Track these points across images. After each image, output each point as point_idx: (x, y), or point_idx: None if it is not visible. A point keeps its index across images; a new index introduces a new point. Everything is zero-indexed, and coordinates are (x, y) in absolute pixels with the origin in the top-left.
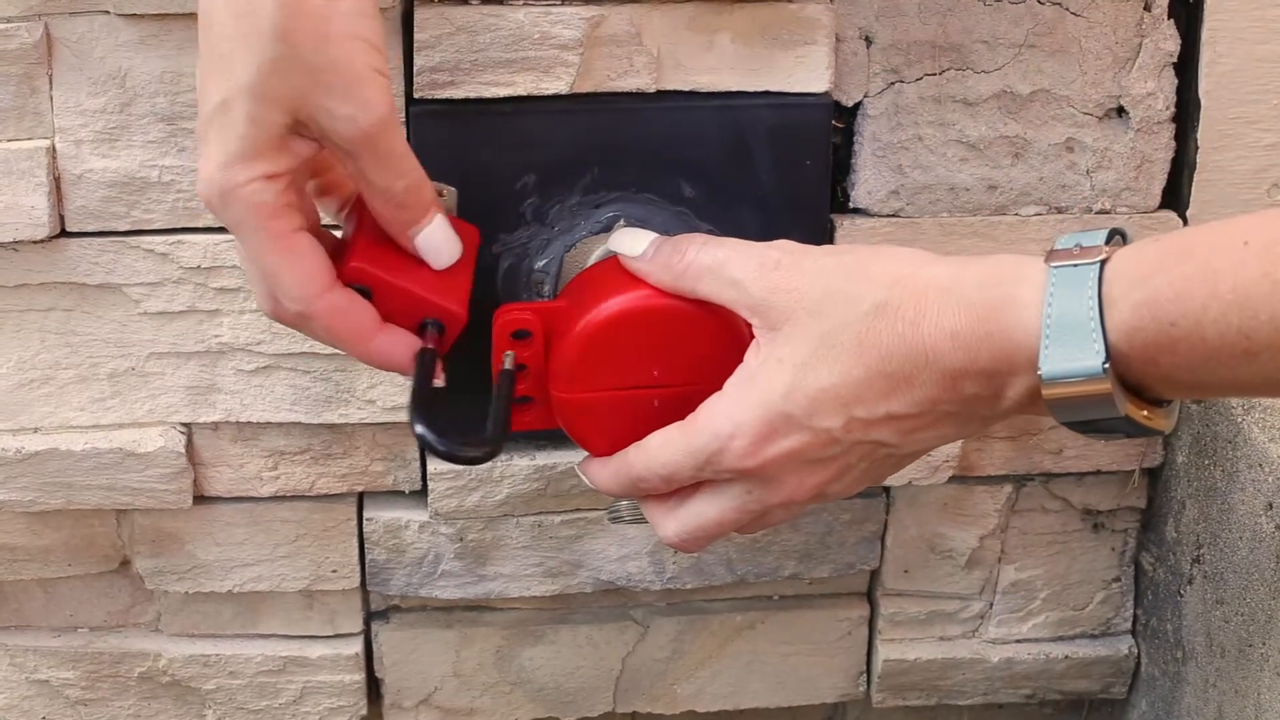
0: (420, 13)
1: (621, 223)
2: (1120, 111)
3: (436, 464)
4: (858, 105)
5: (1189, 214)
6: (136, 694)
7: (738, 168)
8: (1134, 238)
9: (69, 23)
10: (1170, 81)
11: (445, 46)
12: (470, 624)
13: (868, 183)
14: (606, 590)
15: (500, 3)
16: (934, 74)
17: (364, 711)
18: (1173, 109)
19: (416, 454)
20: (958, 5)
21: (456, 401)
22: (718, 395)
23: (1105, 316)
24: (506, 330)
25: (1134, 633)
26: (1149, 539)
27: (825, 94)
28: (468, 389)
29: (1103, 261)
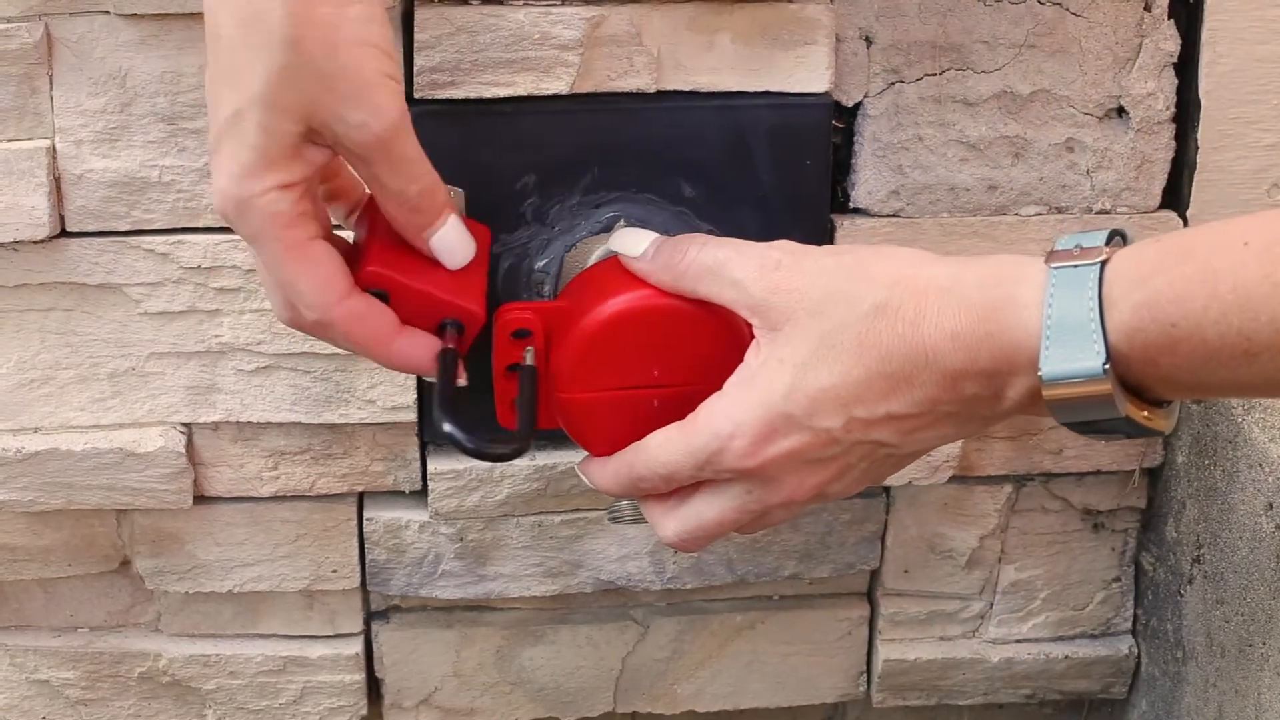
0: (420, 13)
1: (622, 223)
2: (1120, 111)
3: (437, 464)
4: (858, 105)
5: (1189, 214)
6: (136, 694)
7: (738, 168)
8: (1134, 238)
9: (69, 23)
10: (1170, 81)
11: (445, 46)
12: (470, 624)
13: (868, 183)
14: (606, 590)
15: (500, 3)
16: (934, 74)
17: (364, 711)
18: (1173, 109)
19: (416, 454)
20: (958, 5)
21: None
22: (718, 395)
23: (1105, 317)
24: (507, 329)
25: (1134, 633)
26: (1149, 539)
27: (825, 94)
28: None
29: (1103, 262)
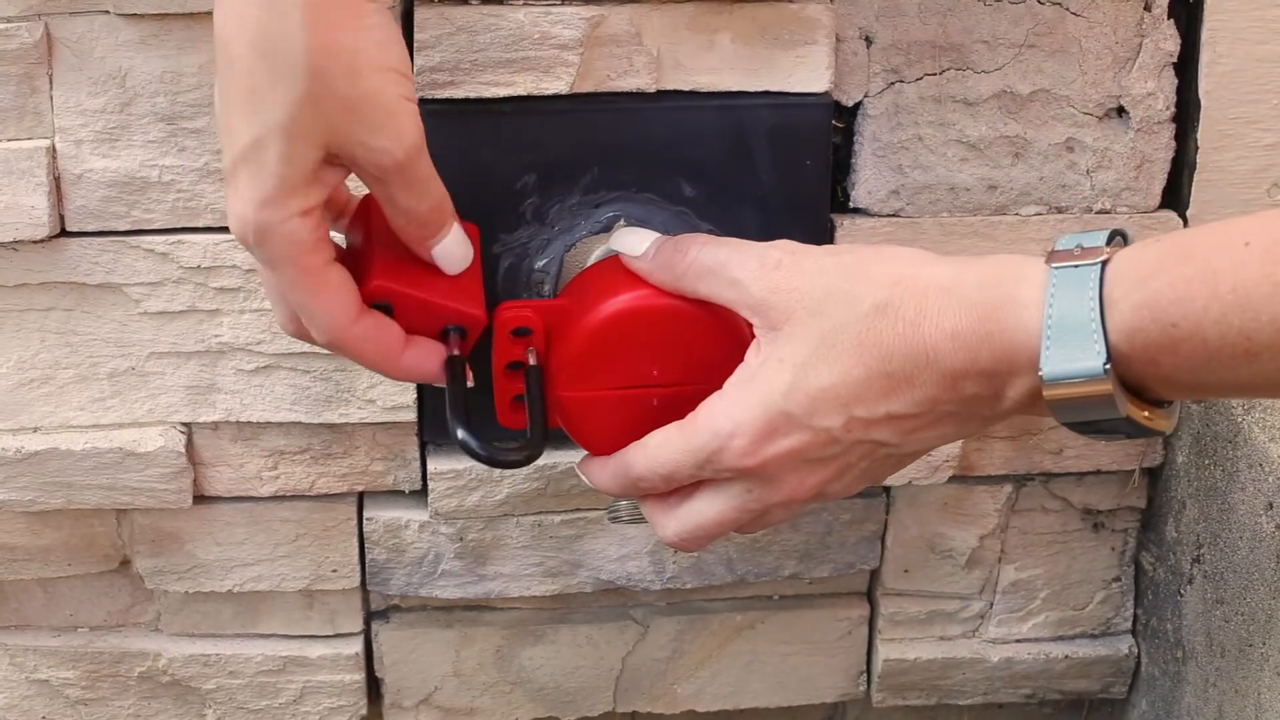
0: (420, 13)
1: (622, 222)
2: (1120, 111)
3: (436, 463)
4: (858, 105)
5: (1189, 214)
6: (136, 694)
7: (738, 168)
8: (1135, 238)
9: (69, 22)
10: (1170, 81)
11: (445, 46)
12: (470, 624)
13: (868, 182)
14: (606, 590)
15: (500, 3)
16: (934, 74)
17: (364, 711)
18: (1173, 109)
19: (416, 454)
20: (958, 5)
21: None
22: (718, 394)
23: (1106, 317)
24: (507, 327)
25: (1134, 632)
26: (1149, 539)
27: (825, 94)
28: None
29: (1104, 262)
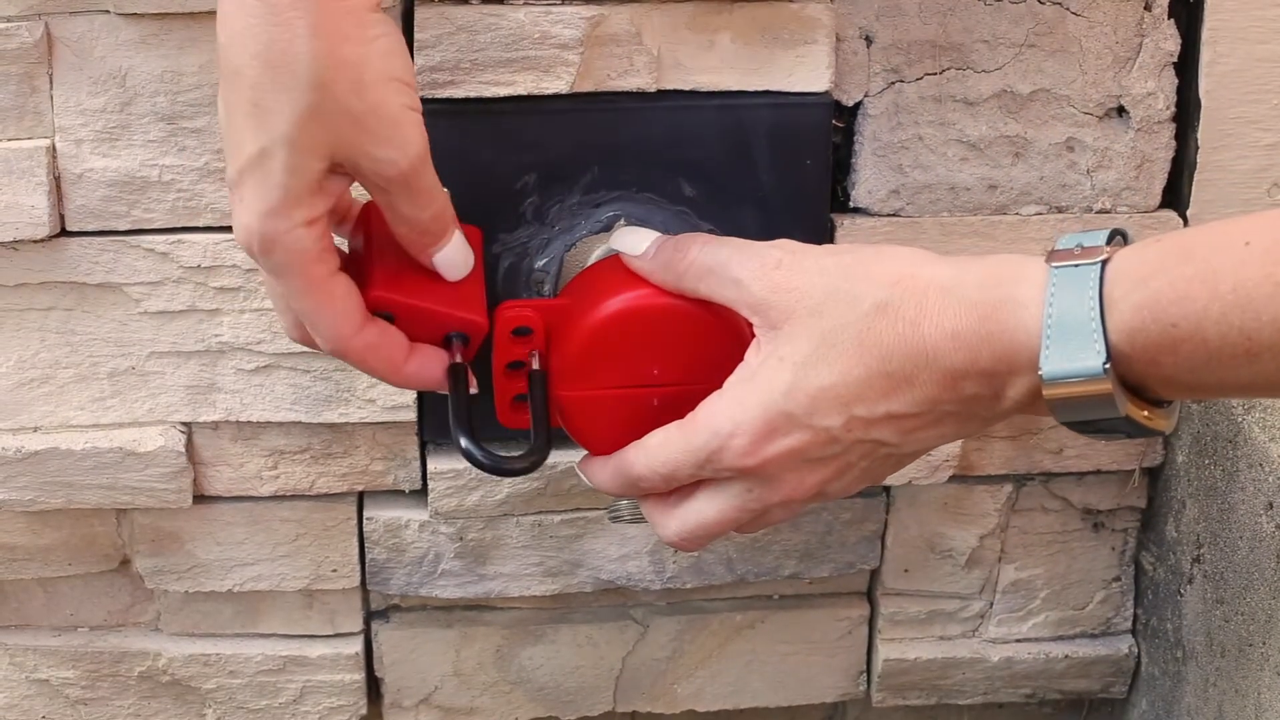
0: (420, 12)
1: (622, 222)
2: (1120, 111)
3: (436, 463)
4: (858, 105)
5: (1189, 214)
6: (136, 693)
7: (738, 167)
8: (1135, 238)
9: (69, 22)
10: (1170, 81)
11: (445, 46)
12: (470, 623)
13: (868, 182)
14: (606, 590)
15: (500, 2)
16: (934, 73)
17: (364, 711)
18: (1173, 108)
19: (416, 453)
20: (958, 5)
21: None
22: (718, 394)
23: (1106, 317)
24: (508, 327)
25: (1134, 632)
26: (1149, 538)
27: (825, 93)
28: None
29: (1104, 262)
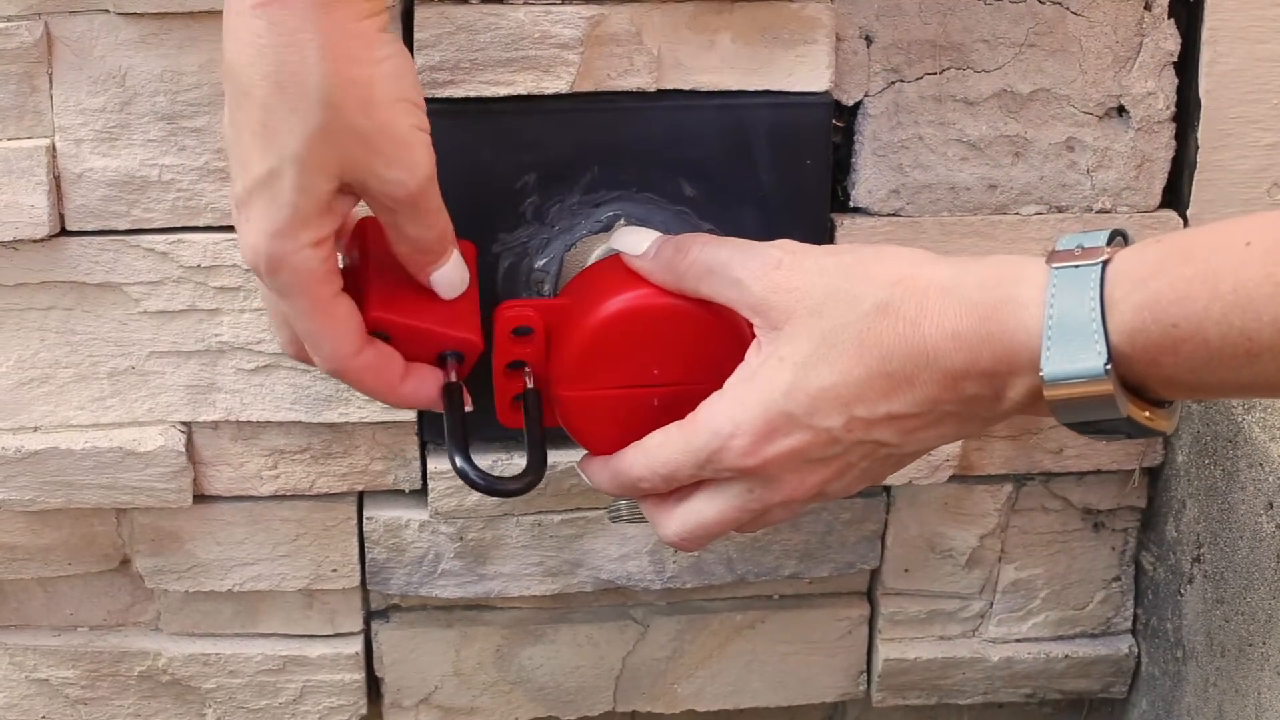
0: (420, 12)
1: (622, 221)
2: (1120, 111)
3: (436, 463)
4: (858, 104)
5: (1189, 213)
6: (136, 693)
7: (738, 167)
8: (1135, 238)
9: (69, 21)
10: (1170, 81)
11: (445, 46)
12: (470, 623)
13: (868, 182)
14: (606, 589)
15: (500, 2)
16: (934, 73)
17: (364, 711)
18: (1173, 108)
19: (416, 453)
20: (958, 4)
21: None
22: (718, 394)
23: (1107, 317)
24: (508, 326)
25: (1134, 632)
26: (1149, 538)
27: (825, 93)
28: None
29: (1104, 263)
